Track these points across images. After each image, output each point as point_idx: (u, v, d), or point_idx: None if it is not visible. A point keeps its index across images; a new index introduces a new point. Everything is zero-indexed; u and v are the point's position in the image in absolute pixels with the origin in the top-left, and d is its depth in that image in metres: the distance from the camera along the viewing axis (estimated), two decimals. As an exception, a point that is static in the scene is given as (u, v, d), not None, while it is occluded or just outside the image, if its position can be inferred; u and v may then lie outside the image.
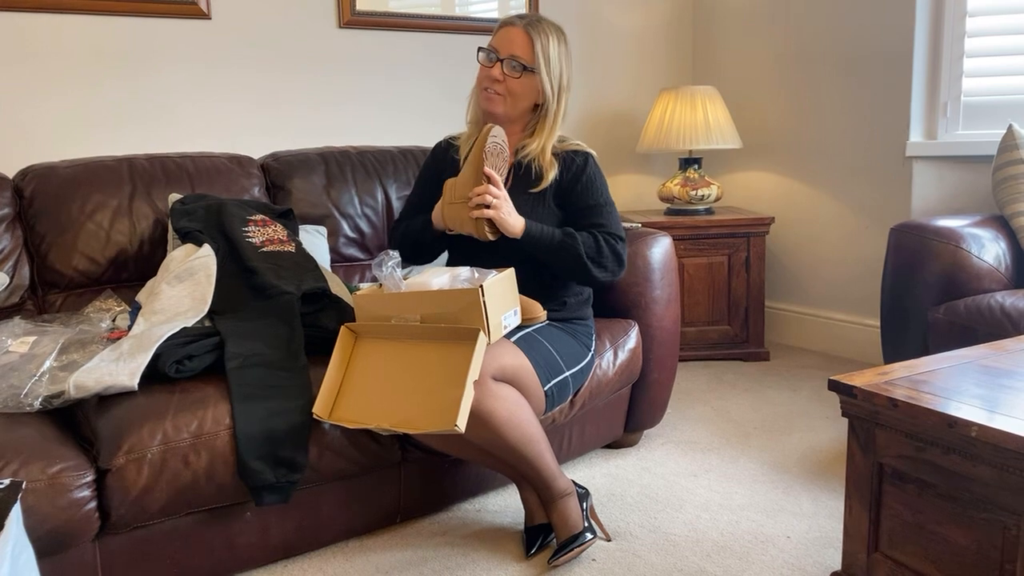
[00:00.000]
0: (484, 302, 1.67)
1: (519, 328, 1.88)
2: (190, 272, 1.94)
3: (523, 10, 3.32)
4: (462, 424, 1.57)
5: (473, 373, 1.61)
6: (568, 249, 1.89)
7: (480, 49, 1.97)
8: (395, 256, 1.81)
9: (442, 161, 2.11)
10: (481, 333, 1.64)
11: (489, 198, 1.81)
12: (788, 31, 3.41)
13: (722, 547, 1.87)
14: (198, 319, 1.86)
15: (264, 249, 2.07)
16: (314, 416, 1.71)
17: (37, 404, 1.64)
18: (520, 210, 1.90)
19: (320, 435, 1.74)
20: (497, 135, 1.87)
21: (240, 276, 2.01)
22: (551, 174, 1.96)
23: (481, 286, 1.68)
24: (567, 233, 1.90)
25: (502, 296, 1.76)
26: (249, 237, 2.09)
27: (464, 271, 1.80)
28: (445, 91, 3.12)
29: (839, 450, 2.37)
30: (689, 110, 3.28)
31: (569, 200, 1.97)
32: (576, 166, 1.98)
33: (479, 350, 1.63)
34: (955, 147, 2.91)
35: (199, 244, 2.03)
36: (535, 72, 1.92)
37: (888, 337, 2.51)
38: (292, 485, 1.68)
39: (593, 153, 2.03)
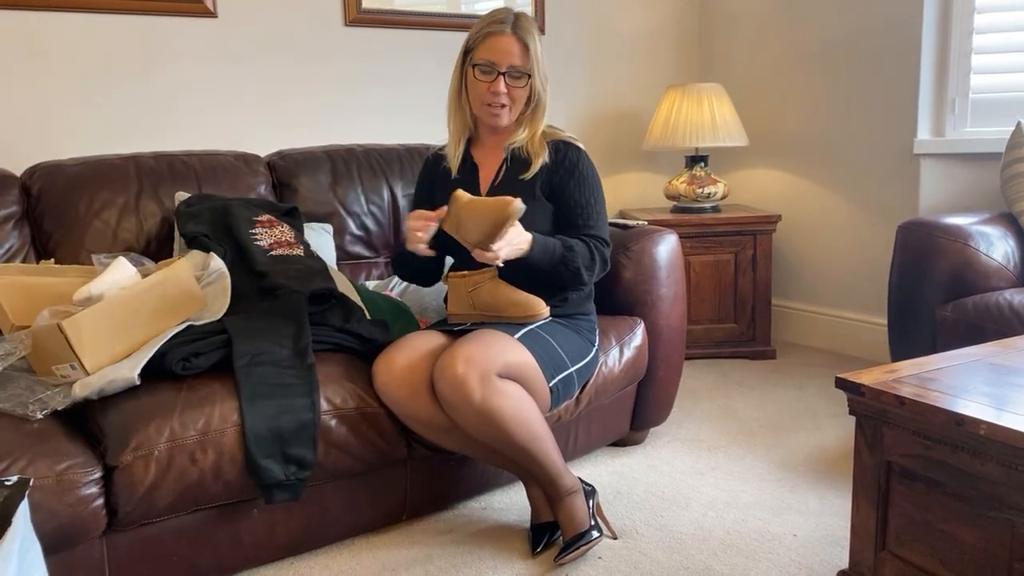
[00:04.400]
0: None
1: (522, 325, 1.88)
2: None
3: (528, 9, 3.31)
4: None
5: None
6: (568, 263, 1.87)
7: (473, 65, 1.91)
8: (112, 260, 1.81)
9: (434, 174, 2.10)
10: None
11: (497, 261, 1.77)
12: (795, 28, 3.40)
13: (729, 545, 1.86)
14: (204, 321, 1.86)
15: (273, 252, 2.07)
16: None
17: (40, 415, 1.60)
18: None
19: (327, 433, 1.74)
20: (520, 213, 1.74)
21: (248, 278, 2.01)
22: (540, 159, 1.95)
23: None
24: (567, 247, 1.88)
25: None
26: (257, 240, 2.09)
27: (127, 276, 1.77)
28: (451, 89, 3.11)
29: (846, 448, 2.36)
30: (695, 108, 3.27)
31: (562, 195, 1.96)
32: (569, 161, 1.97)
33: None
34: (963, 144, 2.90)
35: (206, 250, 2.03)
36: (532, 76, 1.92)
37: (896, 335, 2.50)
38: (302, 483, 1.69)
39: (584, 148, 2.02)
